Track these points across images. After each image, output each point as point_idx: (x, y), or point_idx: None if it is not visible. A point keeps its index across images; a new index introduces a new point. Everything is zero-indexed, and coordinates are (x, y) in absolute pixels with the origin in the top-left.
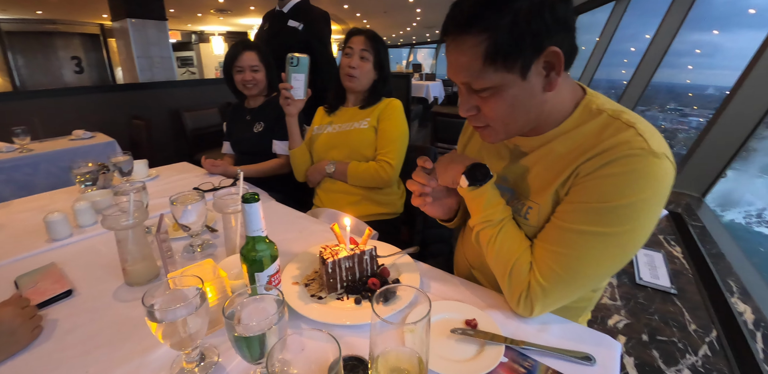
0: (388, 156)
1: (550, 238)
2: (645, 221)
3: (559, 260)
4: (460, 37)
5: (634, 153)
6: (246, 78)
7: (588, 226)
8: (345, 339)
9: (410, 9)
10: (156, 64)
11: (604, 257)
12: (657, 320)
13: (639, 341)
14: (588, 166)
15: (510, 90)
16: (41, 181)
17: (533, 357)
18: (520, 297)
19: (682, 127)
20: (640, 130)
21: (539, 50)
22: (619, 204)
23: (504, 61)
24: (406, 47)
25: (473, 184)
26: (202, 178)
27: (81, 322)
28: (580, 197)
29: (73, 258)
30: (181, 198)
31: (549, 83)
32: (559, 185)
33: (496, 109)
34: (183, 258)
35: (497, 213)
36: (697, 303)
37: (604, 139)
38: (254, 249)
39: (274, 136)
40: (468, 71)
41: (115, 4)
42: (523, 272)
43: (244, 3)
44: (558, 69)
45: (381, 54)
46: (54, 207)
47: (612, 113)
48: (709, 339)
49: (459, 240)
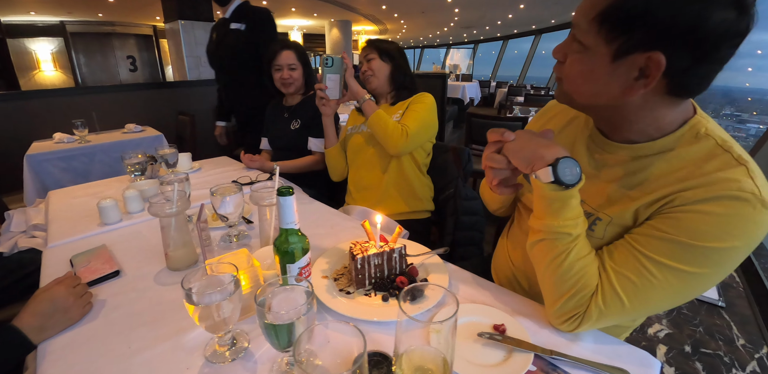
0: (409, 125)
1: (622, 261)
2: (728, 268)
3: (626, 287)
4: None
5: (744, 196)
6: (284, 76)
7: (668, 260)
8: (370, 335)
9: (448, 9)
10: (203, 63)
11: (674, 294)
12: (702, 332)
13: (681, 352)
14: (687, 195)
15: (593, 59)
16: (96, 170)
17: (563, 368)
18: (572, 317)
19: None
20: (751, 170)
21: (647, 46)
22: (711, 247)
23: (609, 30)
24: (443, 47)
25: (559, 182)
26: (240, 171)
27: (126, 301)
28: (669, 227)
29: (121, 242)
30: (221, 189)
31: (631, 87)
32: (644, 205)
33: (572, 69)
34: (220, 247)
35: (578, 226)
36: (747, 318)
37: (710, 171)
38: (287, 241)
39: (310, 134)
40: (582, 15)
41: (168, 7)
42: (587, 296)
43: (286, 4)
44: (651, 80)
45: (392, 53)
46: (107, 194)
47: (722, 143)
48: (759, 356)
49: (503, 237)
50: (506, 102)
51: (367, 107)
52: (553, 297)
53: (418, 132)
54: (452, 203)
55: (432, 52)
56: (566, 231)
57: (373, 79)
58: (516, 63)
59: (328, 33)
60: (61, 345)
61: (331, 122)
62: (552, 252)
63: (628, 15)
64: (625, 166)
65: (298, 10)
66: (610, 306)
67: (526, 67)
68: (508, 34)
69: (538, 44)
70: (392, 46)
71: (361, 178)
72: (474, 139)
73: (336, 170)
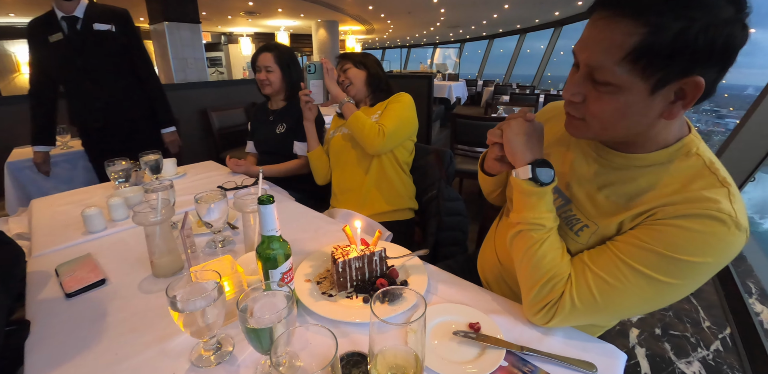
0: (386, 124)
1: (600, 263)
2: (696, 282)
3: (601, 287)
4: (618, 17)
5: (721, 217)
6: (260, 77)
7: (644, 268)
8: (352, 335)
9: (434, 9)
10: (189, 65)
11: (644, 299)
12: (671, 316)
13: (652, 334)
14: (669, 210)
15: (630, 97)
16: (80, 176)
17: (534, 363)
18: (545, 307)
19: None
20: (732, 193)
21: (686, 74)
22: (685, 260)
23: (645, 66)
24: (429, 46)
25: (535, 180)
26: (225, 176)
27: (112, 309)
28: (648, 237)
29: (106, 250)
30: (205, 197)
31: (670, 111)
32: (630, 217)
33: (603, 110)
34: (205, 254)
35: (551, 220)
36: (713, 303)
37: (694, 189)
38: (269, 248)
39: (295, 137)
40: (604, 56)
41: (153, 8)
42: (558, 285)
43: (272, 5)
44: (689, 100)
45: (366, 61)
46: (91, 202)
47: (710, 164)
48: (722, 336)
49: (489, 238)
50: (493, 101)
51: (346, 109)
52: (529, 285)
53: (395, 130)
54: (435, 204)
55: (419, 51)
56: (540, 223)
57: (351, 88)
58: (502, 61)
59: (315, 33)
60: (48, 353)
61: (312, 126)
62: (528, 241)
63: (667, 50)
64: (617, 174)
65: (284, 10)
66: (582, 300)
67: (512, 66)
68: (494, 34)
69: (523, 43)
70: (366, 56)
71: (344, 180)
72: (459, 139)
73: (319, 173)
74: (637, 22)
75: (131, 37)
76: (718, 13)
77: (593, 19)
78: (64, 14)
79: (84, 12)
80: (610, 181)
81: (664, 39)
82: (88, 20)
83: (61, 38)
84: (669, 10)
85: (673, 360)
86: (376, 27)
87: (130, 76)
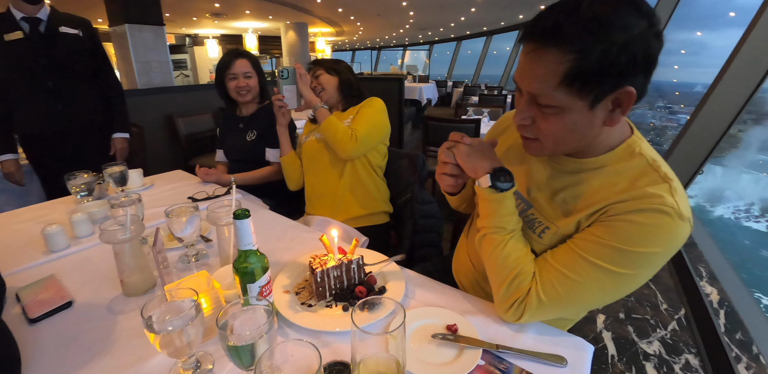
0: (358, 129)
1: (561, 260)
2: (649, 270)
3: (563, 282)
4: (546, 48)
5: (665, 210)
6: (240, 84)
7: (600, 261)
8: (333, 345)
9: (403, 12)
10: (154, 69)
11: (603, 291)
12: (633, 301)
13: (616, 319)
14: (619, 207)
15: (573, 115)
16: (36, 189)
17: (509, 360)
18: (514, 304)
19: (670, 124)
20: (673, 187)
21: (617, 87)
22: (636, 251)
23: (580, 88)
24: (399, 48)
25: (495, 187)
26: (196, 186)
27: (82, 333)
28: (603, 234)
29: (71, 269)
30: (176, 210)
31: (611, 119)
32: (585, 216)
33: (552, 129)
34: (178, 269)
35: (512, 223)
36: (669, 287)
37: (640, 187)
38: (246, 262)
39: (267, 144)
40: (541, 84)
41: (113, 10)
42: (524, 282)
43: (240, 7)
44: (626, 107)
45: (338, 67)
46: (51, 218)
47: (652, 162)
48: (678, 316)
49: (462, 240)
50: (462, 101)
51: (319, 114)
52: (497, 283)
53: (367, 134)
54: (410, 208)
55: (389, 53)
56: (502, 225)
57: (323, 94)
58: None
59: (284, 35)
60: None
61: (285, 131)
62: (492, 243)
63: (595, 72)
64: (571, 178)
65: (252, 12)
66: (548, 296)
67: (480, 67)
68: (462, 35)
69: (490, 44)
70: (338, 63)
71: (318, 185)
72: (431, 141)
73: (292, 178)
74: (563, 51)
75: (97, 45)
76: (633, 30)
77: (524, 50)
78: (24, 15)
79: (48, 15)
80: (565, 184)
81: (590, 62)
82: (52, 23)
83: (21, 37)
84: (588, 36)
85: (636, 341)
86: (346, 29)
87: (92, 82)
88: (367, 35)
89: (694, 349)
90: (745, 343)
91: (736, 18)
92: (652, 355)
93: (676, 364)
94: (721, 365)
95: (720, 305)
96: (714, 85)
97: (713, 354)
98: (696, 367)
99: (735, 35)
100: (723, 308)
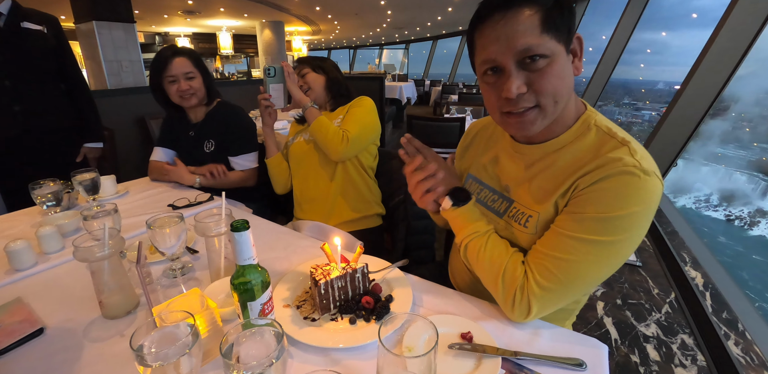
0: (349, 130)
1: (549, 245)
2: (637, 231)
3: (558, 265)
4: (512, 10)
5: (628, 170)
6: (182, 88)
7: (586, 235)
8: (344, 362)
9: (381, 11)
10: (125, 68)
11: (600, 263)
12: (627, 287)
13: (615, 304)
14: (586, 179)
15: (560, 61)
16: None
17: (529, 367)
18: (515, 297)
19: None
20: (632, 148)
21: (571, 32)
22: (615, 216)
23: (556, 31)
24: (375, 47)
25: (456, 203)
26: (174, 193)
27: (56, 365)
28: (579, 208)
29: (40, 290)
30: (159, 221)
31: (577, 67)
32: (559, 196)
33: (550, 80)
34: (163, 286)
35: (483, 225)
36: (658, 272)
37: (601, 155)
38: (245, 278)
39: (228, 153)
40: (528, 37)
41: (79, 6)
42: (516, 270)
43: (214, 4)
44: (580, 54)
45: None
46: (14, 233)
47: (608, 131)
48: (669, 300)
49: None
50: (441, 100)
51: (309, 114)
52: (492, 282)
53: (358, 135)
54: (402, 209)
55: (365, 52)
56: (476, 229)
57: (310, 93)
58: (446, 61)
59: (259, 34)
60: None
61: (272, 131)
62: (475, 247)
63: (557, 17)
64: (539, 164)
65: (226, 10)
66: (549, 281)
67: (456, 66)
68: (437, 35)
69: (465, 44)
70: (324, 60)
71: (308, 188)
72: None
73: (279, 181)
74: (531, 6)
75: (63, 43)
76: None
77: (491, 23)
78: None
79: (9, 10)
80: (536, 171)
81: (552, 10)
82: (14, 18)
83: None
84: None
85: (635, 325)
86: (323, 28)
87: (56, 83)
88: (343, 34)
89: (687, 329)
90: (731, 322)
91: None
92: (651, 337)
93: (673, 344)
94: (714, 342)
95: (705, 288)
96: (685, 84)
97: (705, 333)
98: (691, 346)
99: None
100: (708, 290)
